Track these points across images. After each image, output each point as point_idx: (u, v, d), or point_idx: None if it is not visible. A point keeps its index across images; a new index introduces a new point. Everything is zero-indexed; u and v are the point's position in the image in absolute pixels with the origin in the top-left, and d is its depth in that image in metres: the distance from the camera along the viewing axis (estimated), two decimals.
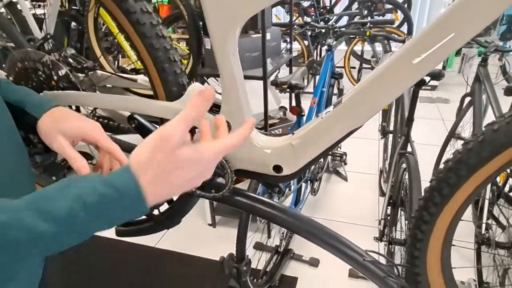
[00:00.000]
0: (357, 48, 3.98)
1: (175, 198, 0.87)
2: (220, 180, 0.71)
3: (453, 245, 0.69)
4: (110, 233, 0.52)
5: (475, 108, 1.75)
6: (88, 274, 1.76)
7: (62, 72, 0.76)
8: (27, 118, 0.59)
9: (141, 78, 0.86)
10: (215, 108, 0.72)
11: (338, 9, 4.28)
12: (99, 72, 0.85)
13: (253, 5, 0.56)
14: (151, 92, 1.42)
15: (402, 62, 0.52)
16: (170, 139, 0.38)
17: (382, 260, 0.80)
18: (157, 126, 0.72)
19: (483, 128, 0.57)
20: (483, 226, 1.39)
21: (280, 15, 4.47)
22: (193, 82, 0.74)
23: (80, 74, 0.83)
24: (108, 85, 1.11)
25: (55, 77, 0.77)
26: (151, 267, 1.79)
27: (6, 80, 0.67)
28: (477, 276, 1.42)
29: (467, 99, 1.95)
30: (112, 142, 0.56)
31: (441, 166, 0.63)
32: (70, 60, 0.80)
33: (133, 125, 0.67)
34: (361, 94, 0.57)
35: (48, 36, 1.50)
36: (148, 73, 0.68)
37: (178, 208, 0.87)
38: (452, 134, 2.03)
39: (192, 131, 0.67)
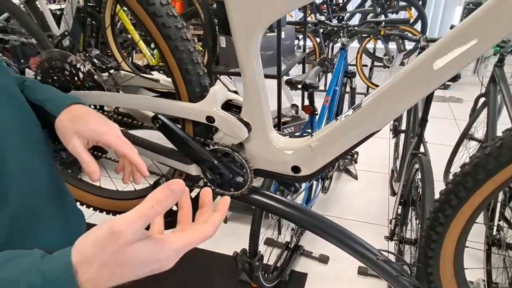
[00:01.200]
0: (369, 45, 3.95)
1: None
2: (239, 179, 0.73)
3: (467, 247, 0.70)
4: None
5: (489, 109, 1.73)
6: None
7: (85, 69, 0.79)
8: (48, 116, 0.60)
9: (163, 79, 0.89)
10: (235, 109, 0.74)
11: (351, 7, 4.25)
12: (122, 72, 0.88)
13: (279, 9, 0.58)
14: (166, 90, 1.44)
15: (424, 68, 0.52)
16: (120, 237, 0.33)
17: (392, 259, 0.81)
18: (179, 126, 0.74)
19: (501, 132, 0.58)
20: (495, 227, 1.39)
21: (292, 12, 4.46)
22: (215, 83, 0.76)
23: (104, 74, 0.86)
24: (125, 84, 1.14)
25: (81, 77, 0.80)
26: None
27: (32, 79, 0.68)
28: (486, 277, 1.43)
29: (482, 99, 1.93)
30: (126, 146, 0.56)
31: (458, 169, 0.64)
32: (95, 60, 0.82)
33: (157, 125, 0.69)
34: (381, 99, 0.58)
35: (66, 33, 1.54)
36: (172, 74, 0.71)
37: (196, 205, 0.89)
38: (465, 135, 2.02)
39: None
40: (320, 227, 0.72)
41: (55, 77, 0.81)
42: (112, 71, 0.83)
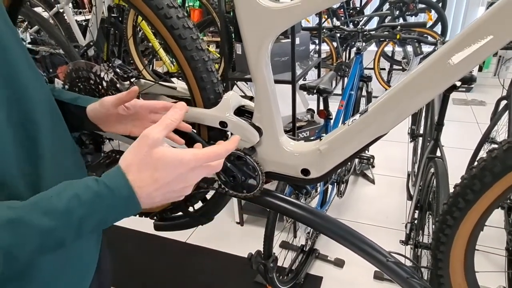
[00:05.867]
0: (388, 48, 3.92)
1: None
2: (251, 181, 0.77)
3: (477, 250, 0.70)
4: (146, 227, 0.58)
5: (511, 112, 1.70)
6: (123, 263, 1.88)
7: (108, 78, 0.85)
8: (77, 112, 0.67)
9: (180, 86, 0.94)
10: (247, 114, 0.78)
11: (368, 10, 4.22)
12: (142, 80, 0.93)
13: (288, 19, 0.61)
14: (184, 97, 1.50)
15: (436, 66, 0.51)
16: (149, 137, 0.44)
17: (407, 263, 0.82)
18: (195, 131, 0.78)
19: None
20: None
21: (309, 16, 4.48)
22: (228, 90, 0.80)
23: (125, 82, 0.92)
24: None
25: (105, 85, 0.85)
26: (181, 260, 1.89)
27: (60, 88, 0.74)
28: (507, 283, 1.39)
29: (503, 102, 1.89)
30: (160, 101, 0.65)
31: (466, 172, 0.65)
32: (117, 69, 0.88)
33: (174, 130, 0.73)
34: (387, 104, 0.60)
35: (91, 43, 1.62)
36: (188, 82, 0.75)
37: (211, 206, 0.93)
38: (486, 138, 1.98)
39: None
40: (328, 227, 0.74)
41: (82, 86, 0.87)
42: (133, 79, 0.89)
